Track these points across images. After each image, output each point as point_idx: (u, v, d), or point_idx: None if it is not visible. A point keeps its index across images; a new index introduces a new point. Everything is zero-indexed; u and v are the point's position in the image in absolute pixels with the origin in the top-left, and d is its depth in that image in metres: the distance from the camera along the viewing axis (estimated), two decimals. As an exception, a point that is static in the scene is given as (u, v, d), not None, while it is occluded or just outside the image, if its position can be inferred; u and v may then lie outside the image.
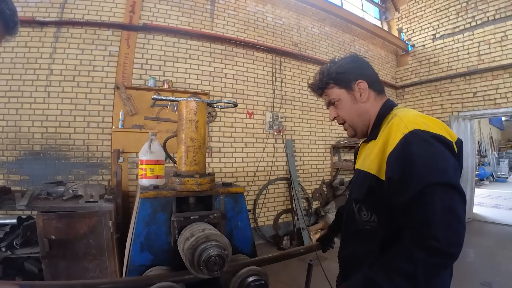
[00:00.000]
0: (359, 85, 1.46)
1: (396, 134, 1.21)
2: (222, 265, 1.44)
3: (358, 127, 1.51)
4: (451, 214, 1.03)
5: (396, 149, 1.18)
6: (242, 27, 6.64)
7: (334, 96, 1.51)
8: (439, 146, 1.14)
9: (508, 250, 5.77)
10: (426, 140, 1.14)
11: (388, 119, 1.36)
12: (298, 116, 7.35)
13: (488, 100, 7.82)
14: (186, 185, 1.84)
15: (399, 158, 1.16)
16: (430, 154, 1.11)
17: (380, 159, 1.27)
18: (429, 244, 1.01)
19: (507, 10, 7.43)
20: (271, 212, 6.75)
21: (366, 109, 1.47)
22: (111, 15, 5.32)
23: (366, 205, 1.37)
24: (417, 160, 1.10)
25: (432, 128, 1.18)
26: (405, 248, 1.06)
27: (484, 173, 14.61)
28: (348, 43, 8.78)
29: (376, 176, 1.29)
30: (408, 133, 1.17)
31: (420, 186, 1.07)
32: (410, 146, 1.14)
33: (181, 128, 1.95)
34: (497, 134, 20.05)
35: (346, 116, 1.51)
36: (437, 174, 1.07)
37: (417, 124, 1.19)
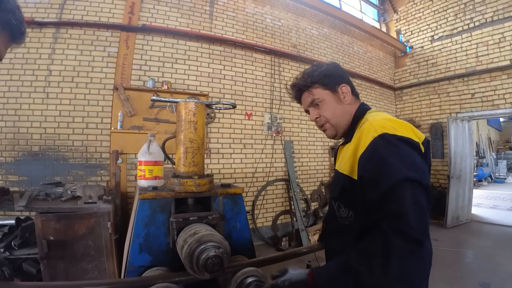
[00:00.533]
0: (342, 88, 1.56)
1: (366, 138, 1.30)
2: (221, 266, 1.45)
3: (340, 128, 1.59)
4: (420, 207, 1.12)
5: (366, 151, 1.27)
6: (241, 29, 6.65)
7: (318, 96, 1.57)
8: (405, 147, 1.23)
9: (507, 251, 5.80)
10: (393, 142, 1.23)
11: (361, 123, 1.46)
12: (297, 117, 7.36)
13: (486, 101, 7.85)
14: (185, 186, 1.84)
15: (369, 159, 1.26)
16: (397, 154, 1.20)
17: (352, 161, 1.36)
18: (404, 230, 1.07)
19: (505, 11, 7.47)
20: (270, 213, 6.75)
21: (349, 110, 1.57)
22: (110, 16, 5.32)
23: (343, 202, 1.46)
24: (386, 160, 1.19)
25: (399, 131, 1.27)
26: (381, 234, 1.11)
27: (483, 174, 14.63)
28: (347, 45, 8.80)
29: (349, 176, 1.38)
30: (377, 136, 1.26)
31: (391, 182, 1.15)
32: (379, 147, 1.24)
33: (180, 129, 1.95)
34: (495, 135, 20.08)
35: (330, 116, 1.57)
36: (405, 171, 1.15)
37: (385, 128, 1.28)
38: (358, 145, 1.34)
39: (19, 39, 1.00)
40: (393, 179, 1.15)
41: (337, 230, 1.53)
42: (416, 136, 1.31)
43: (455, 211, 7.83)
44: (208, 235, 1.52)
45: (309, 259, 2.28)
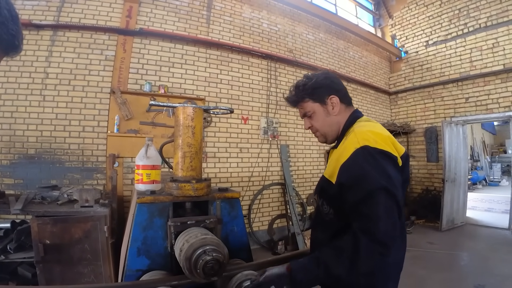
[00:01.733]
0: (331, 99, 1.66)
1: (349, 148, 1.42)
2: (219, 270, 1.45)
3: (329, 136, 1.72)
4: (390, 215, 1.26)
5: (348, 160, 1.40)
6: (237, 33, 6.69)
7: (309, 109, 1.69)
8: (383, 161, 1.35)
9: (501, 253, 5.83)
10: (372, 155, 1.35)
11: (349, 132, 1.57)
12: (293, 121, 7.39)
13: (480, 105, 7.93)
14: (183, 190, 1.85)
15: (350, 168, 1.39)
16: (375, 166, 1.33)
17: (333, 167, 1.49)
18: (372, 232, 1.22)
19: (498, 17, 7.57)
20: (266, 217, 6.76)
21: (337, 120, 1.68)
22: (108, 19, 5.34)
23: (325, 200, 1.58)
24: (365, 170, 1.32)
25: (380, 144, 1.39)
26: (352, 233, 1.27)
27: (477, 177, 14.67)
28: (343, 50, 8.86)
29: (328, 179, 1.51)
30: (359, 148, 1.38)
31: (366, 190, 1.28)
32: (359, 158, 1.36)
33: (178, 133, 1.95)
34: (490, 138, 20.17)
35: (320, 127, 1.71)
36: (380, 181, 1.28)
37: (367, 140, 1.40)
38: (341, 154, 1.46)
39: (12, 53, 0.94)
40: (369, 187, 1.28)
41: (320, 224, 1.66)
42: (396, 149, 1.44)
43: (450, 214, 7.87)
44: (206, 239, 1.53)
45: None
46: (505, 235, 7.10)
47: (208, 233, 1.67)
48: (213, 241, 1.53)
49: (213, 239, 1.55)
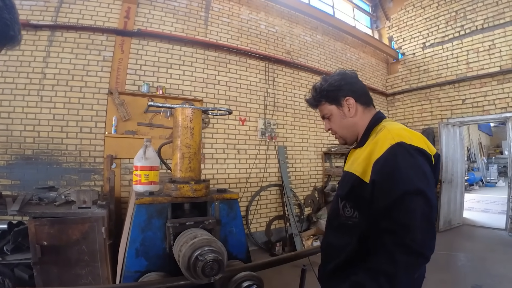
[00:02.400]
0: (347, 101, 1.61)
1: (383, 144, 1.36)
2: (218, 270, 1.46)
3: (347, 138, 1.68)
4: (428, 221, 1.20)
5: (382, 157, 1.33)
6: (235, 35, 6.70)
7: (326, 111, 1.68)
8: (420, 158, 1.30)
9: (498, 254, 5.85)
10: (409, 152, 1.30)
11: (377, 130, 1.52)
12: (290, 123, 7.40)
13: (477, 107, 7.96)
14: (181, 191, 1.86)
15: (385, 165, 1.31)
16: (412, 164, 1.28)
17: (365, 164, 1.41)
18: (409, 245, 1.15)
19: (494, 19, 7.60)
20: (264, 218, 6.76)
21: (354, 122, 1.63)
22: (106, 20, 5.33)
23: (349, 202, 1.50)
24: (402, 168, 1.26)
25: (415, 141, 1.34)
26: (387, 251, 1.19)
27: (474, 178, 14.70)
28: (340, 51, 8.88)
29: (360, 177, 1.42)
30: (394, 144, 1.32)
31: (401, 192, 1.22)
32: (396, 155, 1.29)
33: (176, 134, 1.97)
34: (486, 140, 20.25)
35: (337, 129, 1.68)
36: (417, 184, 1.23)
37: (402, 137, 1.34)
38: (374, 150, 1.39)
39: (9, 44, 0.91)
40: (404, 188, 1.22)
41: (338, 228, 1.57)
42: (429, 149, 1.39)
43: (447, 215, 7.90)
44: (205, 240, 1.54)
45: (303, 263, 2.30)
46: (502, 235, 7.13)
47: (207, 234, 1.68)
48: (212, 242, 1.54)
49: (212, 240, 1.56)
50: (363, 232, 1.40)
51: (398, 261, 1.16)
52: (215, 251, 1.48)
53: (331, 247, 1.61)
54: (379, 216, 1.28)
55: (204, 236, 1.60)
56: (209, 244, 1.52)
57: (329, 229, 1.70)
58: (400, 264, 1.16)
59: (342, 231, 1.53)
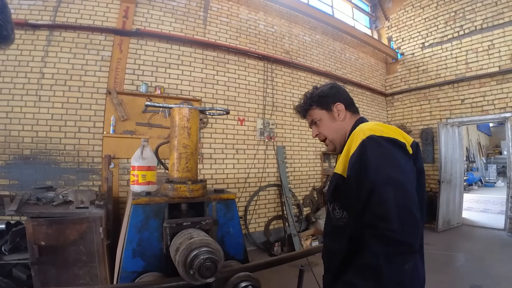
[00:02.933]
0: (337, 107, 1.70)
1: (356, 140, 1.42)
2: (215, 271, 1.45)
3: (336, 142, 1.72)
4: (404, 209, 1.19)
5: (355, 152, 1.39)
6: (234, 34, 6.69)
7: (316, 116, 1.75)
8: (390, 147, 1.35)
9: (497, 254, 5.86)
10: (379, 142, 1.35)
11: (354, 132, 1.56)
12: (289, 123, 7.40)
13: (476, 107, 7.96)
14: (178, 191, 1.84)
15: (357, 159, 1.37)
16: (383, 154, 1.32)
17: (344, 161, 1.47)
18: (385, 235, 1.16)
19: (494, 19, 7.61)
20: (262, 218, 6.76)
21: (343, 126, 1.70)
22: (104, 19, 5.32)
23: (337, 203, 1.54)
24: (371, 160, 1.31)
25: (386, 133, 1.40)
26: (367, 245, 1.21)
27: (473, 179, 14.76)
28: (339, 51, 8.88)
29: (341, 175, 1.48)
30: (365, 138, 1.38)
31: (372, 183, 1.26)
32: (366, 149, 1.35)
33: (173, 134, 1.95)
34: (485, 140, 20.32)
35: (327, 132, 1.73)
36: (389, 173, 1.26)
37: (373, 130, 1.41)
38: (350, 147, 1.46)
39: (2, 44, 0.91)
40: (375, 179, 1.26)
41: (332, 232, 1.61)
42: (404, 138, 1.43)
43: (446, 215, 7.91)
44: (202, 240, 1.52)
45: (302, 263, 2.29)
46: (500, 235, 7.15)
47: (204, 234, 1.67)
48: (209, 242, 1.53)
49: (208, 241, 1.54)
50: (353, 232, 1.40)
51: (377, 252, 1.16)
52: (212, 252, 1.47)
53: (328, 254, 1.64)
54: (360, 210, 1.30)
55: (201, 236, 1.59)
56: (206, 244, 1.51)
57: (325, 235, 1.74)
58: (380, 255, 1.16)
59: (335, 235, 1.57)
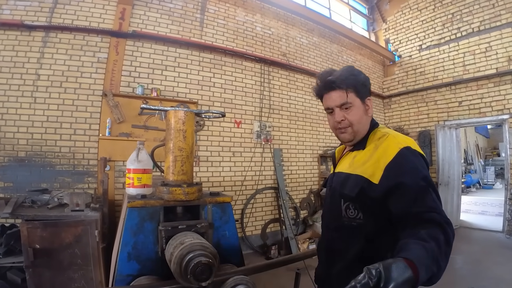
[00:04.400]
0: (369, 101, 1.66)
1: (393, 149, 1.45)
2: (210, 274, 1.44)
3: (358, 135, 1.64)
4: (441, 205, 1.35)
5: (394, 160, 1.42)
6: (231, 37, 6.68)
7: (351, 100, 1.58)
8: (422, 160, 1.46)
9: (495, 256, 5.87)
10: (415, 154, 1.45)
11: (377, 135, 1.60)
12: (286, 125, 7.39)
13: (473, 109, 7.98)
14: (173, 194, 1.84)
15: (399, 165, 1.41)
16: (421, 164, 1.43)
17: (374, 167, 1.47)
18: (447, 221, 1.27)
19: (491, 21, 7.63)
20: (259, 221, 6.74)
21: (368, 122, 1.67)
22: (101, 21, 5.30)
23: (354, 203, 1.53)
24: (418, 166, 1.41)
25: (417, 148, 1.49)
26: (437, 225, 1.24)
27: (471, 181, 14.79)
28: (336, 54, 8.89)
29: (369, 179, 1.47)
30: (403, 148, 1.44)
31: (424, 185, 1.34)
32: (407, 156, 1.43)
33: (169, 137, 1.95)
34: (483, 142, 20.39)
35: (356, 122, 1.61)
36: (428, 179, 1.38)
37: (407, 143, 1.48)
38: (382, 155, 1.47)
39: None
40: (425, 182, 1.35)
41: (340, 229, 1.60)
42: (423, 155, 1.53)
43: (444, 218, 7.88)
44: (197, 244, 1.52)
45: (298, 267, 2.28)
46: (499, 237, 7.15)
47: (199, 237, 1.66)
48: (204, 245, 1.52)
49: (204, 244, 1.54)
50: (369, 232, 1.47)
51: (447, 230, 1.22)
52: (207, 255, 1.46)
53: (333, 248, 1.65)
54: (399, 212, 1.34)
55: (196, 239, 1.58)
56: (201, 248, 1.50)
57: (327, 230, 1.74)
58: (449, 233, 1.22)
59: (345, 232, 1.57)
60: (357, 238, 1.50)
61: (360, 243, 1.48)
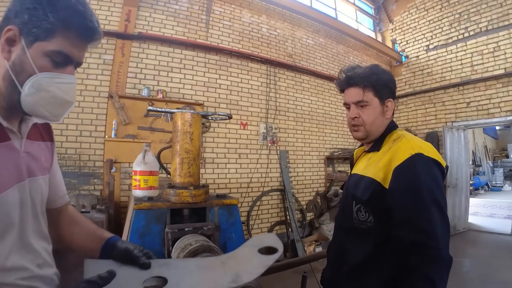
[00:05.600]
0: (388, 103, 1.61)
1: (404, 152, 1.40)
2: (216, 279, 1.41)
3: (371, 136, 1.62)
4: (446, 230, 1.30)
5: (402, 165, 1.38)
6: (237, 38, 6.67)
7: (368, 99, 1.56)
8: (436, 170, 1.38)
9: (504, 259, 5.77)
10: (428, 163, 1.37)
11: (393, 137, 1.56)
12: (292, 127, 7.35)
13: (482, 110, 7.88)
14: (180, 197, 1.85)
15: (404, 173, 1.37)
16: (431, 175, 1.35)
17: (386, 170, 1.45)
18: (434, 254, 1.23)
19: (499, 21, 7.55)
20: (265, 223, 6.71)
21: (385, 123, 1.62)
22: (106, 23, 5.29)
23: (366, 206, 1.51)
24: (422, 178, 1.32)
25: (432, 154, 1.41)
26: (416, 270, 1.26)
27: (479, 183, 14.64)
28: (343, 54, 8.85)
29: (381, 183, 1.45)
30: (414, 154, 1.37)
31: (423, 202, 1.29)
32: (416, 165, 1.35)
33: (176, 139, 1.96)
34: (492, 143, 20.19)
35: (369, 122, 1.58)
36: (435, 194, 1.31)
37: (422, 148, 1.40)
38: (394, 157, 1.43)
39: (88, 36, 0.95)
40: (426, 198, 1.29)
41: (350, 231, 1.59)
42: (442, 161, 1.44)
43: (452, 220, 7.80)
44: (204, 246, 1.51)
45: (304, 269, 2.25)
46: (508, 241, 7.06)
47: (206, 240, 1.65)
48: (211, 248, 1.52)
49: (211, 246, 1.54)
50: (378, 237, 1.45)
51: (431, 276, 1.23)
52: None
53: (343, 250, 1.62)
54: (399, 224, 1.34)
55: (203, 242, 1.56)
56: (208, 250, 1.50)
57: (339, 231, 1.73)
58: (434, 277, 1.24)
59: (355, 234, 1.56)
60: (366, 242, 1.49)
61: (368, 247, 1.47)
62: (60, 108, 0.97)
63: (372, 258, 1.45)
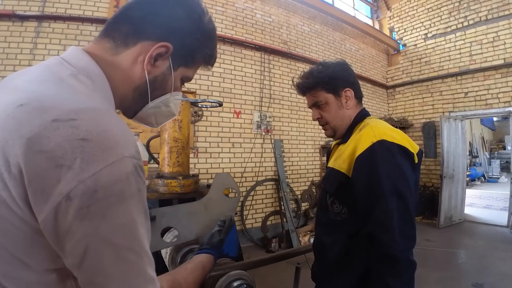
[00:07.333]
0: (346, 93, 1.59)
1: (365, 141, 1.38)
2: (206, 269, 1.38)
3: (339, 130, 1.63)
4: (406, 222, 1.26)
5: (363, 154, 1.36)
6: (230, 24, 6.52)
7: (321, 99, 1.60)
8: (400, 157, 1.33)
9: (500, 251, 5.76)
10: (390, 150, 1.33)
11: (360, 126, 1.54)
12: (287, 115, 7.27)
13: (480, 100, 7.85)
14: (169, 187, 1.81)
15: (365, 162, 1.35)
16: (391, 163, 1.32)
17: (350, 160, 1.44)
18: (388, 250, 1.22)
19: (499, 10, 7.47)
20: (259, 214, 6.65)
21: (349, 114, 1.61)
22: (95, 9, 5.16)
23: (338, 198, 1.52)
24: (381, 168, 1.30)
25: (398, 140, 1.36)
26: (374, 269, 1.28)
27: (476, 174, 14.69)
28: (339, 42, 8.76)
29: (346, 174, 1.45)
30: (376, 142, 1.35)
31: (380, 192, 1.27)
32: (376, 154, 1.33)
33: (163, 128, 1.92)
34: (489, 134, 20.26)
35: (331, 119, 1.61)
36: (396, 184, 1.28)
37: (385, 135, 1.37)
38: (356, 146, 1.41)
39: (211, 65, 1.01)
40: (384, 188, 1.27)
41: (327, 225, 1.60)
42: (412, 147, 1.40)
43: (448, 211, 7.81)
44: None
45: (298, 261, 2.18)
46: (503, 232, 7.05)
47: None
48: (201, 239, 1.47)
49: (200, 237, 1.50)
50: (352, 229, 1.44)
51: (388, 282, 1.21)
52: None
53: (322, 244, 1.62)
54: (362, 211, 1.35)
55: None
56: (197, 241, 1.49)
57: (319, 226, 1.72)
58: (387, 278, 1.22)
59: (331, 227, 1.56)
60: (341, 234, 1.49)
61: (343, 240, 1.47)
62: (166, 119, 1.03)
63: (348, 250, 1.45)
